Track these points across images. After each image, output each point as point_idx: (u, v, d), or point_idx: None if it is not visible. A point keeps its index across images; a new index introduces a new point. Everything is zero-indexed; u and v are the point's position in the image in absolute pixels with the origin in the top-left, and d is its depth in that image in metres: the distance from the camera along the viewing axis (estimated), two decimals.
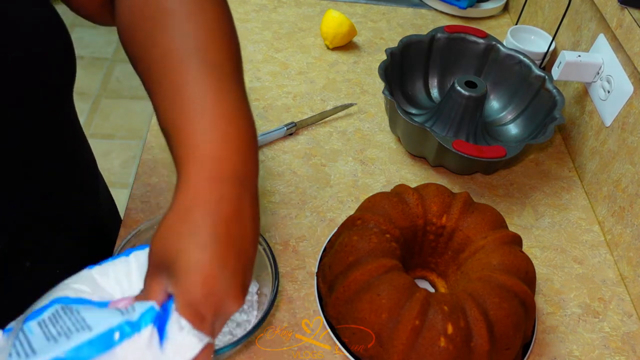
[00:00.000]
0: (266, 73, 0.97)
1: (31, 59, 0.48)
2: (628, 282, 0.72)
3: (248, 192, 0.41)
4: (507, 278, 0.58)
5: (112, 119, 2.17)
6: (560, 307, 0.69)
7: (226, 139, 0.41)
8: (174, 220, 0.38)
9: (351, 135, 0.88)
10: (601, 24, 0.83)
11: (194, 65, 0.42)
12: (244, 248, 0.39)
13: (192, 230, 0.37)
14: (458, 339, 0.54)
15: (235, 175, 0.40)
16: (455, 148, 0.72)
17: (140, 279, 0.42)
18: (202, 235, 0.37)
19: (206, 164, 0.39)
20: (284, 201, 0.77)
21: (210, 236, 0.37)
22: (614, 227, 0.76)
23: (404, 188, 0.67)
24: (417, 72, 0.93)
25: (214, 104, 0.41)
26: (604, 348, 0.66)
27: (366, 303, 0.56)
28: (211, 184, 0.39)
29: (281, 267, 0.69)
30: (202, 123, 0.41)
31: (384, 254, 0.59)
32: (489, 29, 1.13)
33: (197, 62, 0.43)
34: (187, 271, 0.37)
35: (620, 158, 0.76)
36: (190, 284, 0.37)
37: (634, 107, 0.73)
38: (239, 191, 0.40)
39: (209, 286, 0.37)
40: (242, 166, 0.41)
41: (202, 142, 0.40)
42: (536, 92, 0.86)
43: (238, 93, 0.43)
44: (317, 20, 1.10)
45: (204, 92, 0.42)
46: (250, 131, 0.43)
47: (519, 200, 0.82)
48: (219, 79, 0.43)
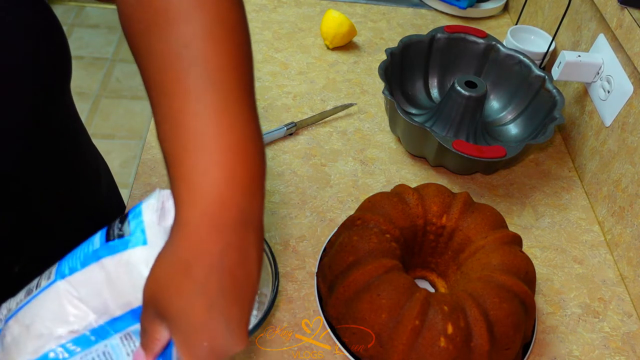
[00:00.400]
0: (266, 73, 0.97)
1: (25, 55, 0.48)
2: (628, 282, 0.72)
3: (253, 232, 0.37)
4: (507, 278, 0.58)
5: (112, 119, 2.17)
6: (560, 307, 0.69)
7: (232, 178, 0.36)
8: (174, 271, 0.35)
9: (351, 135, 0.88)
10: (601, 24, 0.83)
11: (193, 82, 0.37)
12: (249, 291, 0.37)
13: (195, 288, 0.35)
14: (458, 339, 0.54)
15: (240, 219, 0.36)
16: (455, 148, 0.72)
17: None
18: (207, 294, 0.35)
19: (208, 208, 0.35)
20: (284, 201, 0.77)
21: (217, 293, 0.35)
22: (614, 227, 0.76)
23: (404, 188, 0.67)
24: (417, 72, 0.93)
25: (218, 134, 0.36)
26: (604, 348, 0.66)
27: (366, 303, 0.56)
28: (214, 232, 0.35)
29: (281, 267, 0.69)
30: (204, 158, 0.36)
31: (384, 254, 0.59)
32: (489, 29, 1.13)
33: (197, 77, 0.37)
34: (194, 333, 0.35)
35: (620, 158, 0.76)
36: (196, 346, 0.35)
37: (634, 107, 0.73)
38: (243, 235, 0.36)
39: (214, 344, 0.36)
40: (247, 205, 0.36)
41: (204, 182, 0.35)
42: (536, 92, 0.86)
43: (245, 114, 0.38)
44: (317, 20, 1.10)
45: (205, 118, 0.36)
46: (258, 162, 0.38)
47: (519, 200, 0.82)
48: (224, 98, 0.37)
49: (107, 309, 0.38)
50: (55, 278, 0.39)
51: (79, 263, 0.39)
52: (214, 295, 0.35)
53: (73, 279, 0.39)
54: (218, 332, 0.36)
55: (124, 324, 0.39)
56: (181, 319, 0.35)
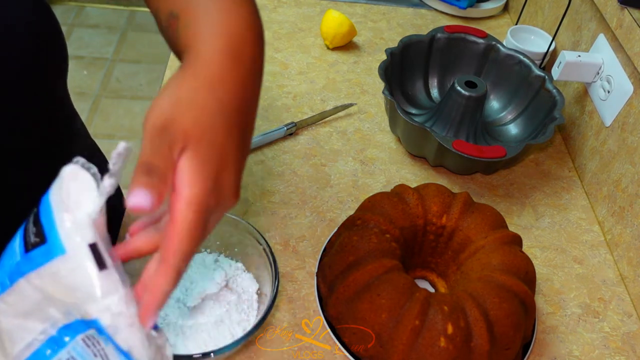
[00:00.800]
0: (266, 73, 0.97)
1: (21, 47, 0.49)
2: (628, 282, 0.72)
3: (259, 78, 0.41)
4: (507, 278, 0.58)
5: (112, 119, 2.17)
6: (560, 307, 0.70)
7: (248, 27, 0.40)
8: (198, 92, 0.36)
9: (351, 135, 0.88)
10: (601, 24, 0.83)
11: None
12: (248, 142, 0.40)
13: (219, 108, 0.36)
14: (458, 339, 0.54)
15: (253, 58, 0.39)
16: (455, 148, 0.72)
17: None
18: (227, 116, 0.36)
19: (230, 44, 0.38)
20: (284, 201, 0.77)
21: (235, 117, 0.37)
22: (614, 227, 0.76)
23: (404, 188, 0.67)
24: (417, 72, 0.93)
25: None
26: (604, 348, 0.66)
27: (366, 303, 0.56)
28: (235, 64, 0.38)
29: (281, 267, 0.69)
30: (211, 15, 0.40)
31: (384, 254, 0.59)
32: (489, 29, 1.13)
33: None
34: (212, 152, 0.35)
35: (620, 158, 0.76)
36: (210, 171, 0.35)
37: (634, 107, 0.73)
38: (254, 79, 0.40)
39: (222, 178, 0.36)
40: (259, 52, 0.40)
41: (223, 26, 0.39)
42: (536, 92, 0.86)
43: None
44: (317, 20, 1.10)
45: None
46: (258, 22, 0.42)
47: (519, 200, 0.82)
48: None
49: (53, 318, 0.36)
50: None
51: (6, 278, 0.36)
52: (232, 119, 0.36)
53: (6, 298, 0.36)
54: (229, 159, 0.36)
55: (78, 328, 0.36)
56: (204, 136, 0.35)
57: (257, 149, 0.83)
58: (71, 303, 0.36)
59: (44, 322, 0.37)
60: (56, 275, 0.35)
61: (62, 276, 0.35)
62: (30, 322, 0.37)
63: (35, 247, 0.35)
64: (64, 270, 0.35)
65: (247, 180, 0.78)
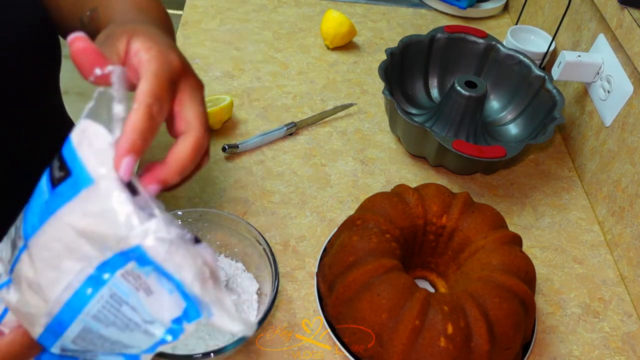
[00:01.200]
0: (266, 73, 0.97)
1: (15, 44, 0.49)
2: (628, 282, 0.72)
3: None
4: (507, 278, 0.58)
5: None
6: (560, 307, 0.70)
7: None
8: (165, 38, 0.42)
9: (351, 135, 0.88)
10: (601, 24, 0.83)
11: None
12: None
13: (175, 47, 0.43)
14: (458, 339, 0.54)
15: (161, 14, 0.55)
16: (455, 148, 0.72)
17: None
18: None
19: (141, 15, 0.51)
20: (284, 201, 0.77)
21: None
22: (614, 227, 0.76)
23: (404, 188, 0.67)
24: (417, 72, 0.93)
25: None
26: (604, 348, 0.66)
27: (366, 303, 0.56)
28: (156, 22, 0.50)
29: (281, 267, 0.69)
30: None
31: (384, 254, 0.59)
32: (489, 29, 1.13)
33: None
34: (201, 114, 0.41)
35: (620, 158, 0.76)
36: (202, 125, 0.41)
37: (634, 107, 0.73)
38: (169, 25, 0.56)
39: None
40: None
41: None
42: (536, 92, 0.86)
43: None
44: (317, 20, 1.10)
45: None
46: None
47: (519, 200, 0.82)
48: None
49: (89, 256, 0.35)
50: (24, 238, 0.36)
51: (37, 219, 0.35)
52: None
53: (39, 240, 0.35)
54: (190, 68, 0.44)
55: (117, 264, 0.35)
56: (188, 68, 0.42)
57: (257, 148, 0.83)
58: (106, 236, 0.34)
59: (80, 261, 0.35)
60: (87, 208, 0.34)
61: (93, 208, 0.34)
62: (67, 263, 0.35)
63: (61, 181, 0.35)
64: (94, 201, 0.34)
65: (247, 180, 0.79)
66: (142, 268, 0.35)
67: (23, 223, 0.37)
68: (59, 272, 0.35)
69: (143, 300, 0.36)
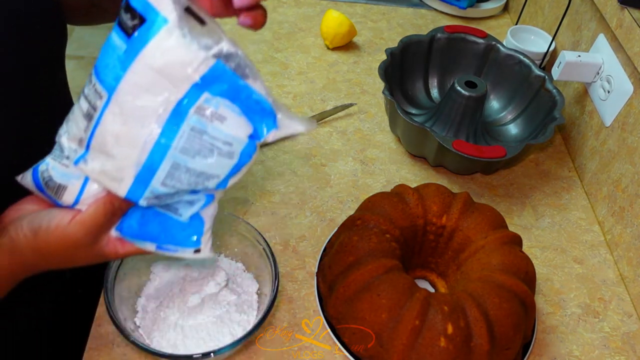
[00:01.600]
0: (266, 73, 0.97)
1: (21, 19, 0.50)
2: (628, 282, 0.72)
3: None
4: (507, 278, 0.58)
5: None
6: (560, 307, 0.70)
7: None
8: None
9: (351, 135, 0.88)
10: (601, 24, 0.83)
11: None
12: None
13: None
14: (458, 339, 0.54)
15: None
16: (455, 148, 0.72)
17: None
18: None
19: None
20: (284, 201, 0.77)
21: None
22: (614, 227, 0.76)
23: (404, 188, 0.67)
24: (417, 72, 0.93)
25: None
26: (604, 348, 0.66)
27: (366, 303, 0.56)
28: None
29: (281, 267, 0.69)
30: None
31: (384, 254, 0.59)
32: (489, 29, 1.13)
33: None
34: None
35: (620, 158, 0.76)
36: None
37: (634, 107, 0.73)
38: None
39: None
40: None
41: None
42: (536, 92, 0.86)
43: None
44: (317, 20, 1.10)
45: None
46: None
47: (519, 200, 0.82)
48: None
49: (169, 92, 0.38)
50: (108, 92, 0.39)
51: (119, 69, 0.38)
52: None
53: (125, 86, 0.38)
54: None
55: (192, 98, 0.39)
56: None
57: None
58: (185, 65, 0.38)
59: (162, 99, 0.39)
60: (164, 45, 0.37)
61: (170, 43, 0.37)
62: (150, 104, 0.39)
63: (136, 28, 0.37)
64: (170, 38, 0.37)
65: (247, 180, 0.79)
66: (214, 98, 0.39)
67: (100, 83, 0.39)
68: (145, 115, 0.39)
69: (219, 127, 0.40)
